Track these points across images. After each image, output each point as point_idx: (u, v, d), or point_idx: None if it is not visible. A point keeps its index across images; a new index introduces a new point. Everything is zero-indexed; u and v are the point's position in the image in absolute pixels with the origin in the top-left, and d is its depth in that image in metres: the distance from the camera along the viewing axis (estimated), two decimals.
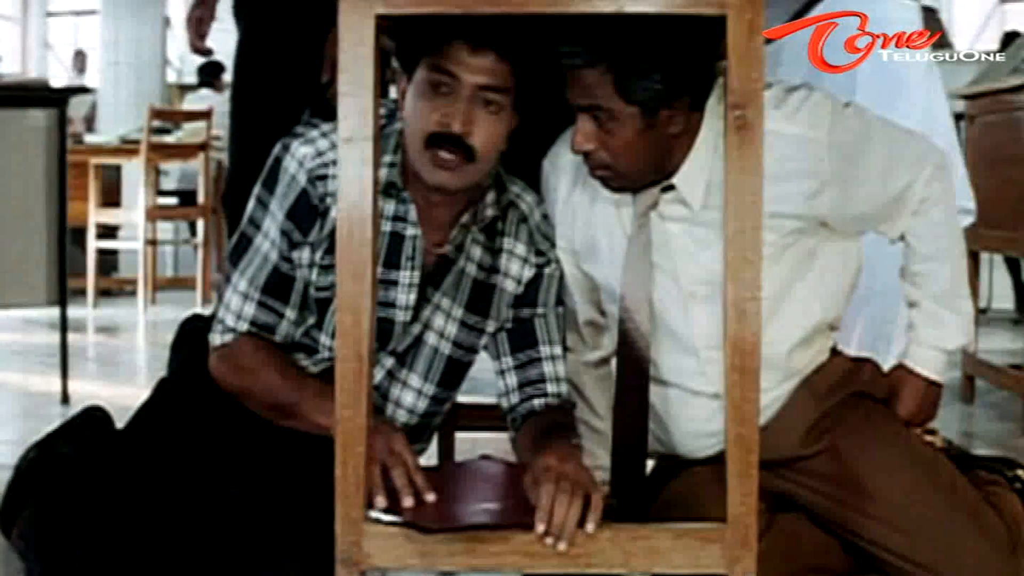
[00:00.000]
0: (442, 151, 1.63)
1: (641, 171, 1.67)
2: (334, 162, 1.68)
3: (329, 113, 1.86)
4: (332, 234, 1.70)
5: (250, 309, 1.74)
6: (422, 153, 1.64)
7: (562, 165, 1.81)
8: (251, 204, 1.77)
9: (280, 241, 1.73)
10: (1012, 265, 6.16)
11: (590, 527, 1.42)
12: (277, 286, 1.74)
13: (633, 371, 1.75)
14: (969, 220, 3.01)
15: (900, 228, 1.79)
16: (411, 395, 1.81)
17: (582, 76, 1.59)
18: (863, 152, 1.71)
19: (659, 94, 1.59)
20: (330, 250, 1.71)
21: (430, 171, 1.65)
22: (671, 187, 1.69)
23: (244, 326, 1.74)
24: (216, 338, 1.76)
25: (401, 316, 1.76)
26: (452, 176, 1.65)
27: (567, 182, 1.81)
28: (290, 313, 1.75)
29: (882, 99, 2.80)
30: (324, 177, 1.70)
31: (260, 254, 1.75)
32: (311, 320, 1.77)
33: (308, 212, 1.71)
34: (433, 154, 1.63)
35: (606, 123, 1.61)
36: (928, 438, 2.83)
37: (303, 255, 1.73)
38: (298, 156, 1.72)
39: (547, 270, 1.82)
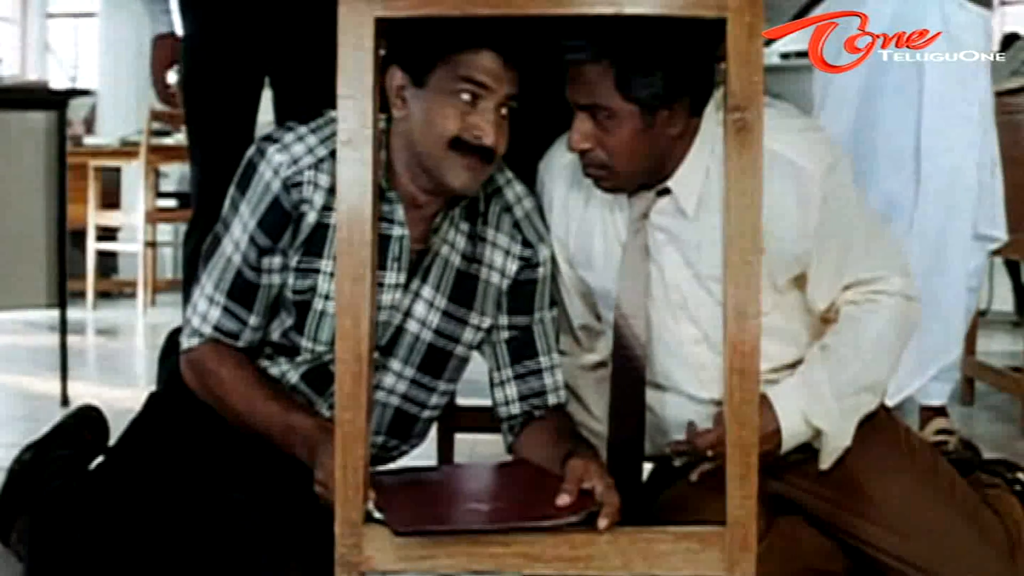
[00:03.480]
0: (469, 157, 1.63)
1: (636, 172, 1.67)
2: (310, 167, 1.68)
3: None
4: (308, 238, 1.70)
5: (215, 313, 1.74)
6: (444, 156, 1.63)
7: (556, 168, 1.81)
8: (226, 204, 1.76)
9: (248, 248, 1.72)
10: (1012, 268, 6.16)
11: (603, 523, 1.43)
12: (242, 292, 1.73)
13: (628, 375, 1.75)
14: (995, 246, 3.02)
15: (831, 297, 1.72)
16: (390, 377, 1.80)
17: (583, 72, 1.59)
18: (849, 216, 1.70)
19: (659, 94, 1.59)
20: (307, 253, 1.71)
21: (455, 174, 1.64)
22: (666, 190, 1.69)
23: (208, 330, 1.74)
24: (184, 340, 1.77)
25: (385, 316, 1.75)
26: (474, 178, 1.66)
27: (561, 186, 1.81)
28: (254, 320, 1.75)
29: (944, 97, 2.83)
30: (299, 184, 1.69)
31: (227, 259, 1.74)
32: (289, 322, 1.75)
33: (280, 220, 1.70)
34: (461, 158, 1.63)
35: (604, 122, 1.60)
36: (941, 437, 2.84)
37: (274, 261, 1.72)
38: (273, 163, 1.69)
39: (539, 271, 1.81)
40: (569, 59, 1.60)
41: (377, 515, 1.43)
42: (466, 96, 1.61)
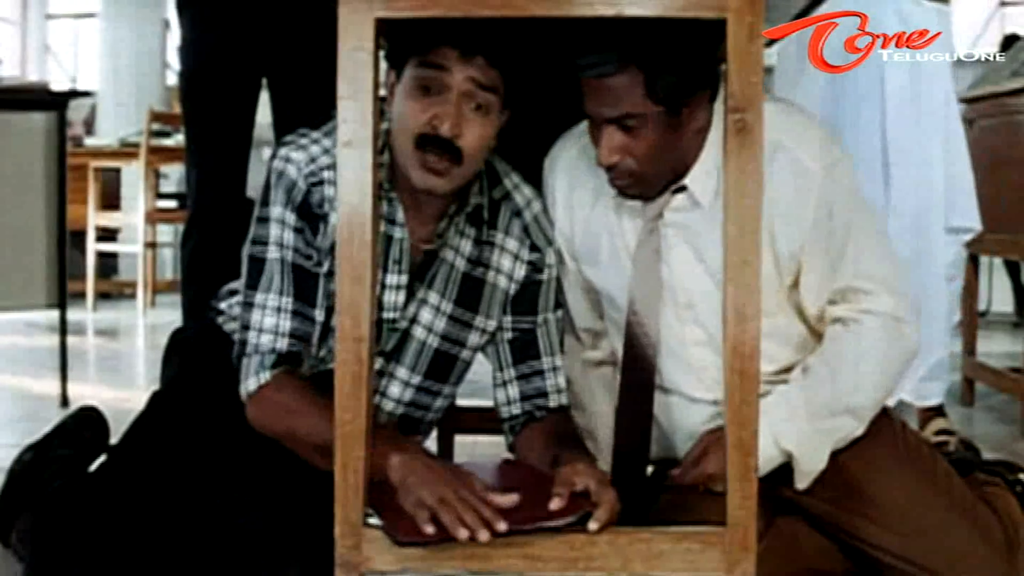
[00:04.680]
0: (431, 154, 1.61)
1: (663, 174, 1.66)
2: (328, 167, 1.68)
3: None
4: (334, 243, 1.69)
5: (286, 322, 1.69)
6: (411, 154, 1.63)
7: (561, 167, 1.81)
8: (252, 228, 1.74)
9: (296, 240, 1.70)
10: (1012, 269, 6.16)
11: (593, 525, 1.42)
12: (305, 288, 1.70)
13: (639, 378, 1.74)
14: (969, 237, 3.03)
15: (821, 301, 1.71)
16: (397, 386, 1.80)
17: (611, 84, 1.57)
18: (845, 218, 1.69)
19: (685, 90, 1.59)
20: (335, 258, 1.70)
21: (420, 175, 1.63)
22: (682, 188, 1.69)
23: (284, 344, 1.68)
24: (251, 383, 1.68)
25: (390, 318, 1.75)
26: (441, 180, 1.64)
27: (566, 184, 1.81)
28: (319, 315, 1.71)
29: (907, 96, 2.82)
30: (320, 183, 1.69)
31: (280, 263, 1.70)
32: None
33: (313, 213, 1.70)
34: (422, 156, 1.62)
35: (635, 129, 1.59)
36: (941, 438, 2.84)
37: (314, 254, 1.71)
38: (293, 160, 1.69)
39: (544, 274, 1.81)
40: (593, 74, 1.58)
41: (375, 520, 1.43)
42: (425, 86, 1.60)
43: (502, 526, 1.39)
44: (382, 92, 1.76)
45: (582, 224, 1.80)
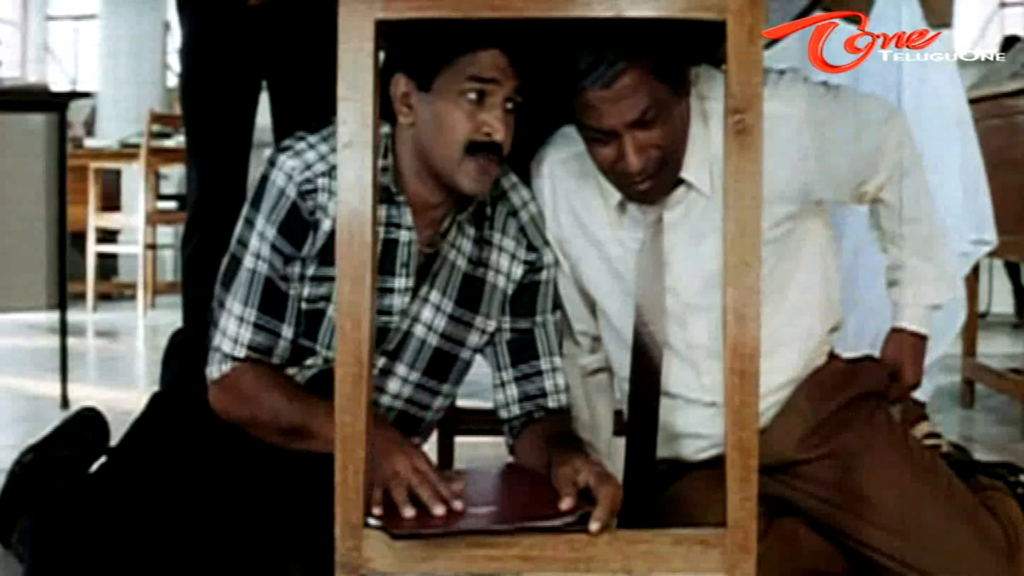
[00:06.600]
0: (483, 160, 1.63)
1: (681, 159, 1.67)
2: (323, 175, 1.68)
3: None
4: (324, 248, 1.69)
5: (247, 333, 1.71)
6: (461, 162, 1.63)
7: (547, 172, 1.81)
8: (239, 225, 1.74)
9: (272, 256, 1.70)
10: (1012, 270, 6.16)
11: (594, 526, 1.42)
12: (273, 304, 1.71)
13: (648, 385, 1.74)
14: (987, 250, 3.00)
15: (875, 187, 1.81)
16: (395, 382, 1.80)
17: (623, 84, 1.56)
18: (834, 120, 1.71)
19: (683, 62, 1.61)
20: (322, 263, 1.70)
21: (471, 181, 1.64)
22: (679, 181, 1.69)
23: (242, 352, 1.70)
24: (214, 370, 1.72)
25: (396, 321, 1.75)
26: (486, 181, 1.66)
27: (553, 187, 1.80)
28: (287, 331, 1.72)
29: (925, 109, 2.80)
30: (313, 191, 1.68)
31: (252, 273, 1.71)
32: (299, 330, 1.74)
33: (299, 226, 1.69)
34: (475, 162, 1.63)
35: (653, 120, 1.59)
36: (932, 441, 2.84)
37: (295, 270, 1.71)
38: (286, 169, 1.69)
39: (542, 275, 1.81)
40: (603, 81, 1.56)
41: (374, 521, 1.43)
42: (473, 95, 1.61)
43: (458, 504, 1.46)
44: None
45: (570, 229, 1.80)
